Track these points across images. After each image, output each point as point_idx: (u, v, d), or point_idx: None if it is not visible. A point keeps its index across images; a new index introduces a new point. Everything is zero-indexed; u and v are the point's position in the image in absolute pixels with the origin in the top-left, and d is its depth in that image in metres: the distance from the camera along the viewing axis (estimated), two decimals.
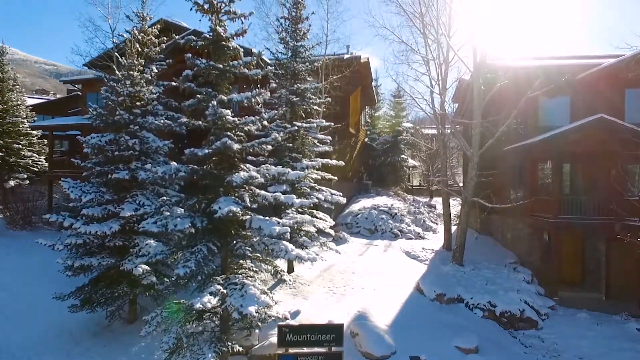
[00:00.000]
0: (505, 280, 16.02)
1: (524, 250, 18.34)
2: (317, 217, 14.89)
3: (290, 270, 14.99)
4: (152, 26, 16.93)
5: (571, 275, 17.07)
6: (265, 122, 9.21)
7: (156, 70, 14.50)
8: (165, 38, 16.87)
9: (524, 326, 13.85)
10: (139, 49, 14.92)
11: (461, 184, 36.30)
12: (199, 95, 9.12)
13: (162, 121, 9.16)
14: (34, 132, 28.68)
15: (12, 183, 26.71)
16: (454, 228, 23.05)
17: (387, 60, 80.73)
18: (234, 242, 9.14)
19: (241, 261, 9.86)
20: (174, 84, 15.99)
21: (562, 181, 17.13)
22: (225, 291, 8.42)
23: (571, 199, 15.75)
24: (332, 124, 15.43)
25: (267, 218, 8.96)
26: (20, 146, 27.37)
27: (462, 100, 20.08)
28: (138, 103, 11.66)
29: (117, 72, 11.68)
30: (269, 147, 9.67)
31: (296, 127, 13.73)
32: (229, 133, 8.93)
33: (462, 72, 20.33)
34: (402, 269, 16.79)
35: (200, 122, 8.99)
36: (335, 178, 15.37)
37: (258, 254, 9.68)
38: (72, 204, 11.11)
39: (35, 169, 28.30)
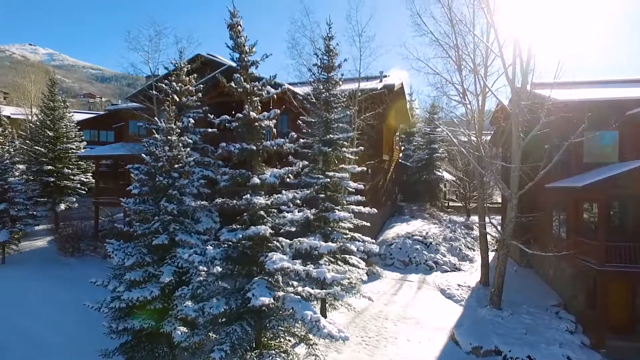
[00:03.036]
0: (546, 328, 15.39)
1: (568, 292, 17.52)
2: (349, 264, 14.90)
3: (323, 316, 15.06)
4: (190, 66, 17.48)
5: (620, 322, 16.09)
6: (298, 201, 9.34)
7: (193, 121, 14.94)
8: (203, 84, 17.33)
9: None
10: (177, 99, 15.46)
11: (499, 199, 35.21)
12: (232, 173, 9.37)
13: (197, 188, 9.54)
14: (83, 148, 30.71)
15: (62, 206, 28.48)
16: (491, 255, 22.36)
17: (421, 92, 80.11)
18: (268, 320, 9.34)
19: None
20: (210, 130, 16.52)
21: (610, 226, 16.15)
22: None
23: (620, 245, 14.83)
24: (365, 168, 15.34)
25: (299, 297, 9.08)
26: (70, 171, 29.13)
27: (500, 132, 19.38)
28: (176, 165, 12.10)
29: (156, 134, 12.15)
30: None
31: (328, 179, 13.77)
32: (261, 213, 9.14)
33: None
34: (437, 313, 16.50)
35: (235, 202, 9.23)
36: (369, 224, 15.30)
37: (290, 326, 9.82)
38: (116, 266, 11.69)
39: (83, 192, 30.04)
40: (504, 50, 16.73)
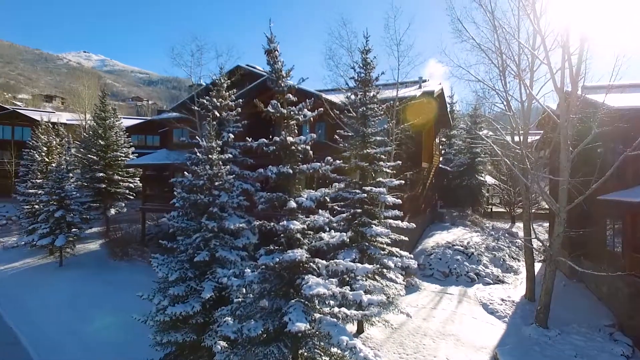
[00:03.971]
0: (599, 352, 14.47)
1: (623, 312, 16.38)
2: (387, 278, 14.72)
3: (360, 331, 15.03)
4: (229, 80, 17.91)
5: None
6: (334, 224, 9.35)
7: (233, 136, 15.29)
8: (242, 98, 17.69)
9: None
10: (217, 114, 15.88)
11: (547, 205, 33.50)
12: (269, 197, 9.53)
13: (238, 201, 9.86)
14: (131, 154, 32.40)
15: (112, 211, 30.14)
16: (537, 266, 21.28)
17: (462, 100, 78.49)
18: (304, 342, 9.41)
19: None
20: (249, 144, 16.85)
21: None
22: None
23: None
24: (403, 181, 15.09)
25: (335, 321, 9.09)
26: (120, 177, 30.77)
27: (548, 141, 18.39)
28: (217, 183, 12.46)
29: (197, 153, 12.56)
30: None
31: (365, 194, 13.67)
32: (298, 235, 9.23)
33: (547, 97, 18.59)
34: (478, 330, 15.96)
35: (272, 224, 9.39)
36: (407, 239, 15.06)
37: (326, 347, 9.83)
38: (161, 279, 12.21)
39: (131, 197, 31.64)
40: (551, 55, 15.84)
